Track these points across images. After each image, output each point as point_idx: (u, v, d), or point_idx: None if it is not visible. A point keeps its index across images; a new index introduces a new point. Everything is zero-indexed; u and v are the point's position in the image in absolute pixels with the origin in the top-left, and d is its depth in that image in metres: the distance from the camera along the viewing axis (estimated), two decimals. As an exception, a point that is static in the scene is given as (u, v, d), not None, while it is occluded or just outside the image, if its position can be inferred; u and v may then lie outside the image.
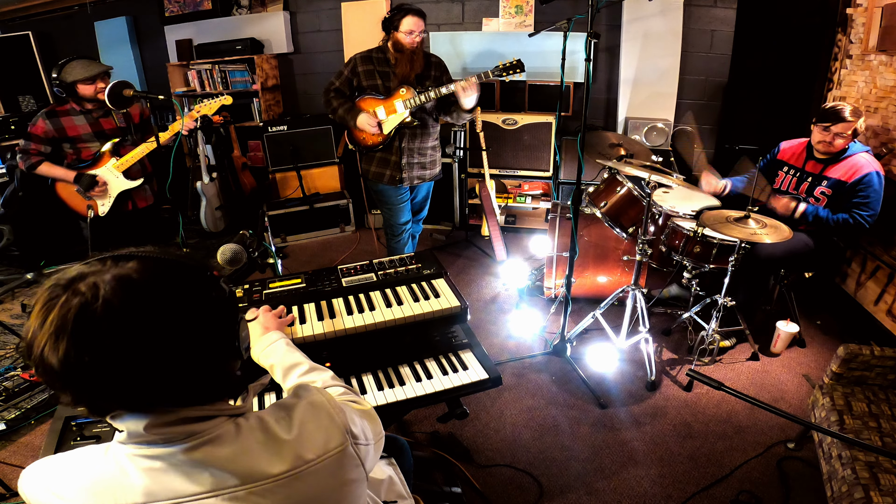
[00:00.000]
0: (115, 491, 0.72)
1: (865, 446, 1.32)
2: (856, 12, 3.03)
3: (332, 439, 0.82)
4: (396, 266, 1.76)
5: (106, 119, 2.77)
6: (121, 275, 0.67)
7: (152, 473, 0.72)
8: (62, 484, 0.74)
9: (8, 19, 5.12)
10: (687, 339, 2.83)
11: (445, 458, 2.09)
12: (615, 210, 2.52)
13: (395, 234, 3.05)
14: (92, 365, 0.64)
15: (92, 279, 0.66)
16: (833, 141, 2.48)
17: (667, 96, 3.90)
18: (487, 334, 2.95)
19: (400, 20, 2.61)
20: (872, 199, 2.44)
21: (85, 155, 2.75)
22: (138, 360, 0.66)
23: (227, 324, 0.77)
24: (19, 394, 2.46)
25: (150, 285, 0.68)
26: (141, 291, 0.67)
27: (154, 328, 0.66)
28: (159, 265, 0.71)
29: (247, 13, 4.66)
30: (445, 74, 2.83)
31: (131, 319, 0.65)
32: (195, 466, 0.72)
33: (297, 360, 1.14)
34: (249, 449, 0.76)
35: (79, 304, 0.64)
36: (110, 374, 0.65)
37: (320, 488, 0.80)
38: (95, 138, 2.75)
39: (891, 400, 1.82)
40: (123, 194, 2.83)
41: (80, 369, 0.64)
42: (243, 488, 0.73)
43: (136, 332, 0.65)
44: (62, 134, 2.67)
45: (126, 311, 0.65)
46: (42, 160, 2.67)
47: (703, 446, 2.16)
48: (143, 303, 0.66)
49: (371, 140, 2.80)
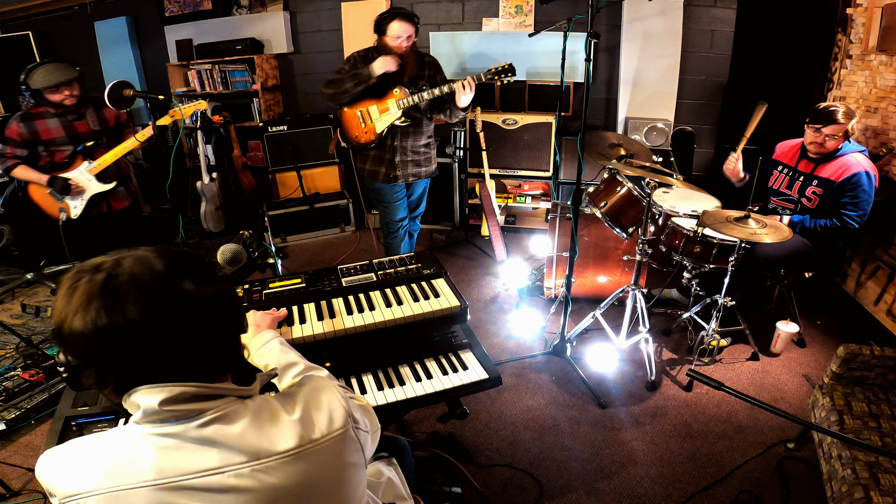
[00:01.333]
0: (128, 470, 0.75)
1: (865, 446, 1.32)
2: (856, 12, 3.04)
3: (336, 421, 0.85)
4: (396, 266, 1.76)
5: (80, 122, 2.76)
6: (140, 255, 0.75)
7: (164, 451, 0.75)
8: (78, 467, 0.77)
9: (8, 19, 5.12)
10: (687, 339, 2.83)
11: (445, 458, 2.09)
12: (615, 210, 2.52)
13: (391, 231, 3.06)
14: (119, 328, 0.70)
15: (114, 259, 0.74)
16: (824, 142, 2.49)
17: (667, 96, 3.89)
18: (487, 334, 2.95)
19: (387, 25, 2.60)
20: (861, 199, 2.43)
21: (58, 158, 2.75)
22: (159, 326, 0.72)
23: (232, 298, 0.84)
24: (19, 394, 2.46)
25: (167, 262, 0.76)
26: (160, 266, 0.74)
27: (172, 297, 0.73)
28: (169, 250, 0.78)
29: (247, 13, 4.65)
30: (440, 74, 2.83)
31: (153, 288, 0.72)
32: (204, 443, 0.76)
33: (292, 360, 1.14)
34: (256, 426, 0.79)
35: (104, 276, 0.71)
36: (135, 340, 0.71)
37: (323, 468, 0.83)
38: (69, 141, 2.75)
39: (891, 400, 1.82)
40: (98, 196, 2.83)
41: (107, 333, 0.70)
42: (249, 465, 0.77)
43: (157, 300, 0.72)
44: (36, 137, 2.67)
45: (147, 280, 0.72)
46: (18, 163, 2.68)
47: (703, 446, 2.16)
48: (163, 275, 0.74)
49: (364, 138, 2.80)
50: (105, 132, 2.84)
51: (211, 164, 4.34)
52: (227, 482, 0.75)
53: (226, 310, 0.81)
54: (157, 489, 0.74)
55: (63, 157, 2.75)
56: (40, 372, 2.51)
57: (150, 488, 0.74)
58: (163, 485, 0.74)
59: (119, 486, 0.74)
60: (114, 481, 0.74)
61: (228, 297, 0.83)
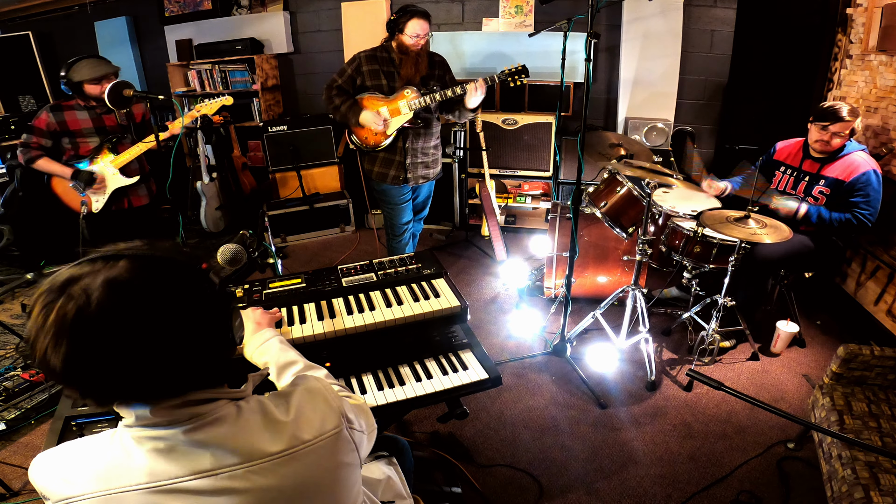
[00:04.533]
0: (121, 473, 0.75)
1: (865, 446, 1.32)
2: (856, 12, 3.03)
3: (329, 421, 0.85)
4: (396, 266, 1.76)
5: (108, 115, 2.77)
6: (111, 277, 0.68)
7: (156, 454, 0.75)
8: (71, 470, 0.77)
9: (8, 19, 5.12)
10: (687, 339, 2.83)
11: (445, 458, 2.09)
12: (615, 210, 2.52)
13: (396, 233, 3.04)
14: (91, 364, 0.67)
15: (85, 282, 0.68)
16: (830, 140, 2.49)
17: (667, 96, 3.89)
18: (487, 334, 2.95)
19: (405, 23, 2.57)
20: (872, 197, 2.44)
21: (83, 150, 2.75)
22: (135, 356, 0.68)
23: (217, 315, 0.78)
24: (19, 394, 2.46)
25: (140, 285, 0.69)
26: (131, 292, 0.69)
27: (146, 325, 0.68)
28: (148, 263, 0.72)
29: (247, 13, 4.65)
30: (448, 73, 2.82)
31: (124, 320, 0.67)
32: (197, 446, 0.75)
33: (291, 359, 1.14)
34: (249, 429, 0.79)
35: (74, 308, 0.66)
36: (110, 371, 0.68)
37: (316, 469, 0.82)
38: (96, 133, 2.75)
39: (891, 400, 1.82)
40: (120, 192, 2.83)
41: (81, 369, 0.67)
42: (242, 466, 0.76)
43: (129, 330, 0.67)
44: (64, 128, 2.67)
45: (118, 312, 0.67)
46: (41, 155, 2.67)
47: (703, 446, 2.16)
48: (134, 303, 0.68)
49: (374, 140, 2.78)
50: (131, 127, 2.85)
51: (211, 164, 4.34)
52: (220, 484, 0.75)
53: (207, 329, 0.76)
54: (150, 492, 0.74)
55: (88, 150, 2.75)
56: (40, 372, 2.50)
57: (142, 491, 0.74)
58: (155, 488, 0.74)
59: (111, 489, 0.74)
60: (106, 484, 0.74)
61: (211, 314, 0.76)
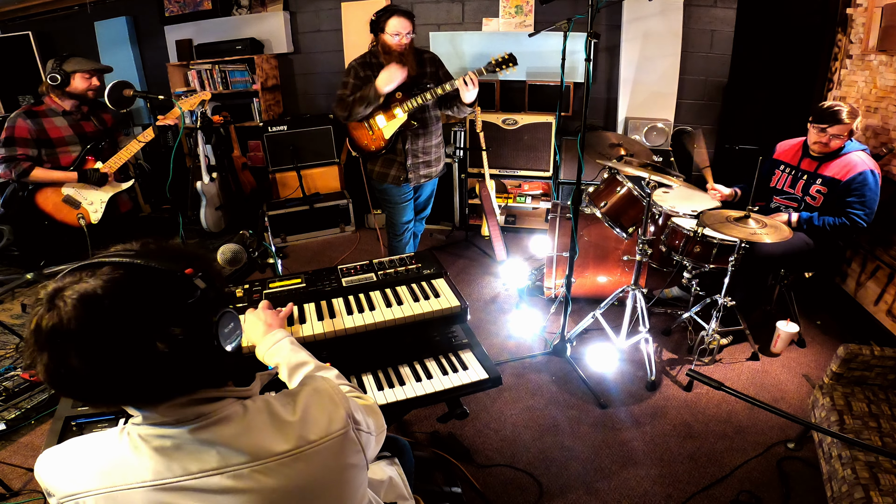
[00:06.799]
0: (127, 470, 0.75)
1: (865, 446, 1.32)
2: (856, 12, 3.03)
3: (335, 422, 0.85)
4: (396, 266, 1.76)
5: (86, 122, 2.70)
6: (83, 292, 0.68)
7: (162, 452, 0.75)
8: (76, 467, 0.77)
9: (8, 19, 5.11)
10: (687, 339, 2.83)
11: (445, 458, 2.09)
12: (615, 210, 2.52)
13: (397, 233, 3.04)
14: (70, 374, 0.68)
15: (65, 293, 0.69)
16: (829, 142, 2.49)
17: (667, 96, 3.89)
18: (487, 334, 2.95)
19: (385, 21, 2.57)
20: (868, 197, 2.43)
21: (64, 161, 2.60)
22: (110, 367, 0.68)
23: (197, 323, 0.75)
24: (19, 394, 2.46)
25: (111, 299, 0.69)
26: (101, 307, 0.68)
27: (117, 338, 0.68)
28: (125, 274, 0.71)
29: (247, 13, 4.65)
30: (441, 69, 2.80)
31: (94, 334, 0.68)
32: (203, 445, 0.76)
33: (302, 360, 1.14)
34: (255, 428, 0.79)
35: (50, 321, 0.67)
36: (89, 380, 0.69)
37: (322, 469, 0.82)
38: (78, 140, 2.63)
39: (891, 400, 1.82)
40: (111, 199, 2.77)
41: (61, 378, 0.68)
42: (247, 466, 0.76)
43: (101, 343, 0.68)
44: (43, 136, 2.53)
45: (89, 327, 0.67)
46: (33, 165, 2.52)
47: (703, 446, 2.16)
48: (103, 317, 0.68)
49: (374, 146, 2.78)
50: (106, 132, 2.82)
51: (211, 164, 4.34)
52: (225, 483, 0.75)
53: (190, 343, 0.73)
54: (156, 490, 0.74)
55: (69, 161, 2.59)
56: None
57: (148, 489, 0.74)
58: (161, 485, 0.74)
59: (117, 486, 0.74)
60: (112, 481, 0.74)
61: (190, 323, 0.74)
